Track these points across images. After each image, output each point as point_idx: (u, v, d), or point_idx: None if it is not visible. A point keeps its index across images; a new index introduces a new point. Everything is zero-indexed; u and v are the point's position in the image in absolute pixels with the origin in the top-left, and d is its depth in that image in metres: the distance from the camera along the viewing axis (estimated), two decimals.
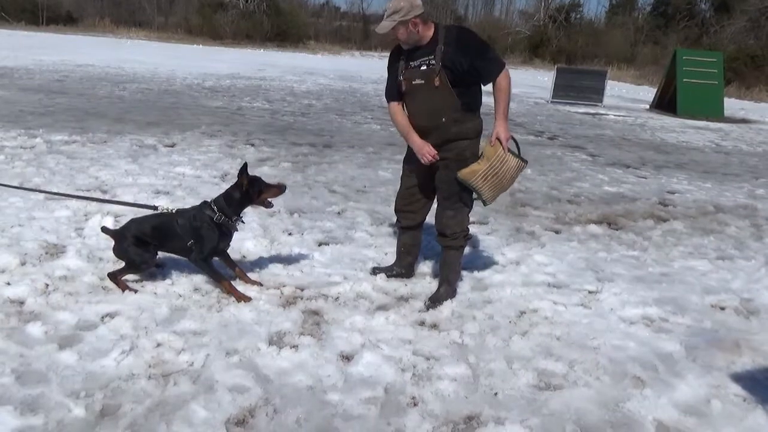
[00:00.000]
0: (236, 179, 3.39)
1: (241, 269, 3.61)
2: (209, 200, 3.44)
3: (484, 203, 3.51)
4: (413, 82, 3.38)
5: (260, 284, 3.58)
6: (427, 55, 3.32)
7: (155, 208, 3.50)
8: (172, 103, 11.46)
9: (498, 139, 3.35)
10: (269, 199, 3.46)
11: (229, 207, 3.37)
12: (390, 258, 4.10)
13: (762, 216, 6.30)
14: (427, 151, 3.42)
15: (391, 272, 3.87)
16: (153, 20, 49.00)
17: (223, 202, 3.37)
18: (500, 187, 3.41)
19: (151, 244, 3.39)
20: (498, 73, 3.31)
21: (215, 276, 3.43)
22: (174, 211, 3.45)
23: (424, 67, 3.33)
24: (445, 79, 3.29)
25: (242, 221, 3.50)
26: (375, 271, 3.91)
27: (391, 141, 8.88)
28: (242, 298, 3.36)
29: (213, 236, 3.35)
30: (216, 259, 3.51)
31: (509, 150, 3.38)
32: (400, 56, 3.45)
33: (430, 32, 3.33)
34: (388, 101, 3.58)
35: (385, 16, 3.29)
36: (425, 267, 4.10)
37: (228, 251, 3.58)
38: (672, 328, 3.47)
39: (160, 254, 3.53)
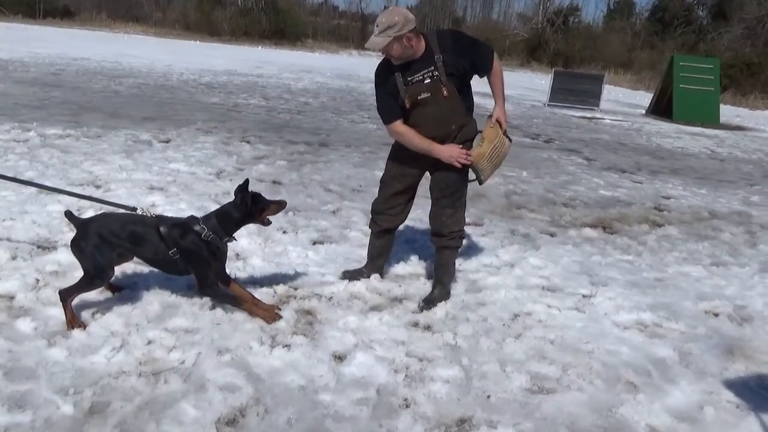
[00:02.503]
0: (235, 196, 3.05)
1: (254, 298, 3.25)
2: (197, 216, 3.11)
3: (480, 183, 3.54)
4: (419, 97, 3.24)
5: (279, 310, 3.26)
6: (426, 67, 3.20)
7: (134, 209, 3.12)
8: (167, 99, 11.41)
9: (498, 120, 3.38)
10: (268, 217, 3.16)
11: (223, 226, 3.03)
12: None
13: (756, 223, 6.32)
14: (457, 153, 3.28)
15: (361, 275, 3.79)
16: (150, 15, 48.80)
17: (214, 221, 3.03)
18: (496, 165, 3.49)
19: (117, 248, 2.96)
20: (492, 60, 3.33)
21: (232, 300, 3.14)
22: (155, 216, 3.07)
23: (428, 80, 3.21)
24: (452, 88, 3.23)
25: (234, 239, 3.14)
26: (345, 275, 3.81)
27: (387, 141, 8.79)
28: (271, 316, 3.09)
29: (207, 257, 3.01)
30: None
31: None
32: (393, 73, 3.24)
33: (422, 44, 3.20)
34: (391, 122, 3.31)
35: (376, 32, 3.08)
36: (419, 268, 4.08)
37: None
38: (665, 334, 3.46)
39: (121, 278, 3.32)
